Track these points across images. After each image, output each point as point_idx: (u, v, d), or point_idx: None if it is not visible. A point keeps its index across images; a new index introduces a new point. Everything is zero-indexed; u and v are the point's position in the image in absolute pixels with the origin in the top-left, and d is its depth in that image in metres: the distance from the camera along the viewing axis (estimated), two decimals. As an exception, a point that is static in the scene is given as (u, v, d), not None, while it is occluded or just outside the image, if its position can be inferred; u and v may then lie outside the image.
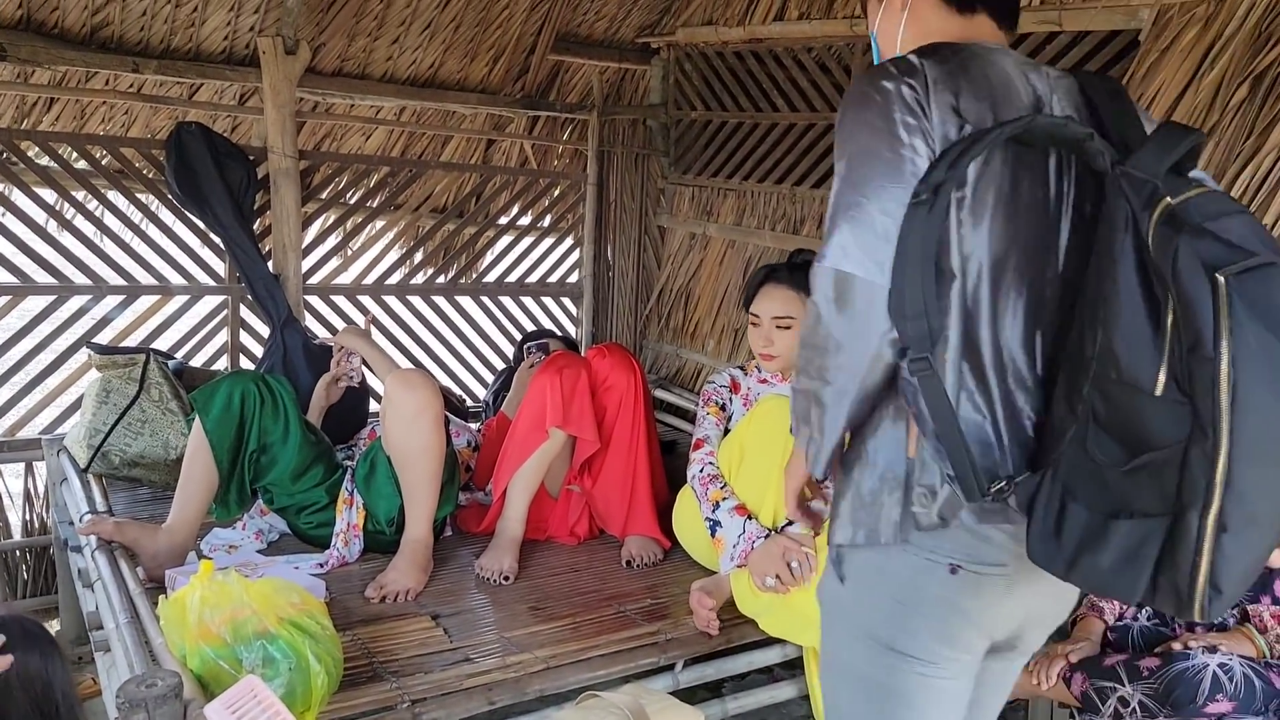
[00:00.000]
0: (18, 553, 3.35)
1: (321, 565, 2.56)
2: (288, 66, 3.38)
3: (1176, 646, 1.93)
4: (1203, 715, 1.81)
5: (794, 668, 2.57)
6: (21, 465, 3.36)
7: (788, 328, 2.53)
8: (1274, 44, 2.45)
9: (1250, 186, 2.48)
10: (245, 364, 3.63)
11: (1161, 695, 1.84)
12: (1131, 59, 2.76)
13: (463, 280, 4.23)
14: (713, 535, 2.46)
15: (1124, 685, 1.90)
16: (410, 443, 2.50)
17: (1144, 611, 2.19)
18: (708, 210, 4.25)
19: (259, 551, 2.66)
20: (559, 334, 4.13)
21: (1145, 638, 2.14)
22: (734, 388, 2.73)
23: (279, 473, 2.59)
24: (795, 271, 2.55)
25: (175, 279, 3.52)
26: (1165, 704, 1.84)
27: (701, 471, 2.54)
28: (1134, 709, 1.88)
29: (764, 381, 2.71)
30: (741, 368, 2.78)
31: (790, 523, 2.42)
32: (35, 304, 3.32)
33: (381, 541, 2.64)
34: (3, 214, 3.28)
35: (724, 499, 2.45)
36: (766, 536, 2.38)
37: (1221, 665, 1.81)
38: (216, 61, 3.40)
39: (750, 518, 2.41)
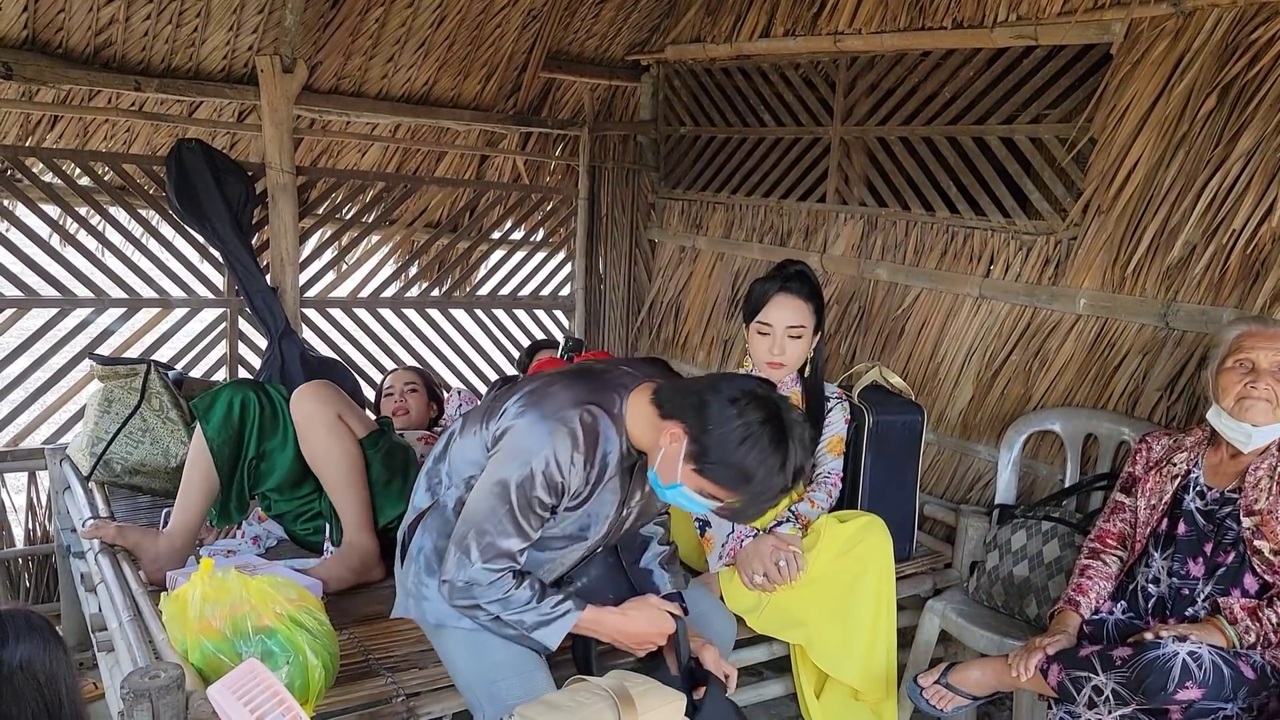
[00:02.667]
0: (20, 560, 3.40)
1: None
2: (285, 84, 3.46)
3: (1148, 636, 1.99)
4: (1173, 702, 1.86)
5: (781, 667, 2.63)
6: (25, 475, 3.42)
7: (799, 337, 2.59)
8: (1240, 55, 2.55)
9: (1219, 193, 2.57)
10: (244, 375, 3.69)
11: (1133, 683, 1.89)
12: (1105, 72, 2.85)
13: (456, 293, 4.30)
14: (702, 535, 2.52)
15: (1098, 674, 1.94)
16: (311, 454, 2.54)
17: (1119, 604, 2.24)
18: (697, 224, 4.33)
19: (256, 556, 2.71)
20: (575, 338, 4.21)
21: (1120, 630, 2.19)
22: None
23: (277, 480, 2.64)
24: (803, 282, 2.62)
25: (175, 292, 3.59)
26: (1137, 692, 1.88)
27: None
28: (1107, 697, 1.92)
29: None
30: None
31: (779, 523, 2.49)
32: (39, 317, 3.39)
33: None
34: (7, 229, 3.35)
35: None
36: (755, 536, 2.44)
37: (1191, 653, 1.86)
38: (216, 80, 3.48)
39: None
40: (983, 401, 3.18)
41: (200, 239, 3.53)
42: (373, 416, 2.98)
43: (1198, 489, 2.20)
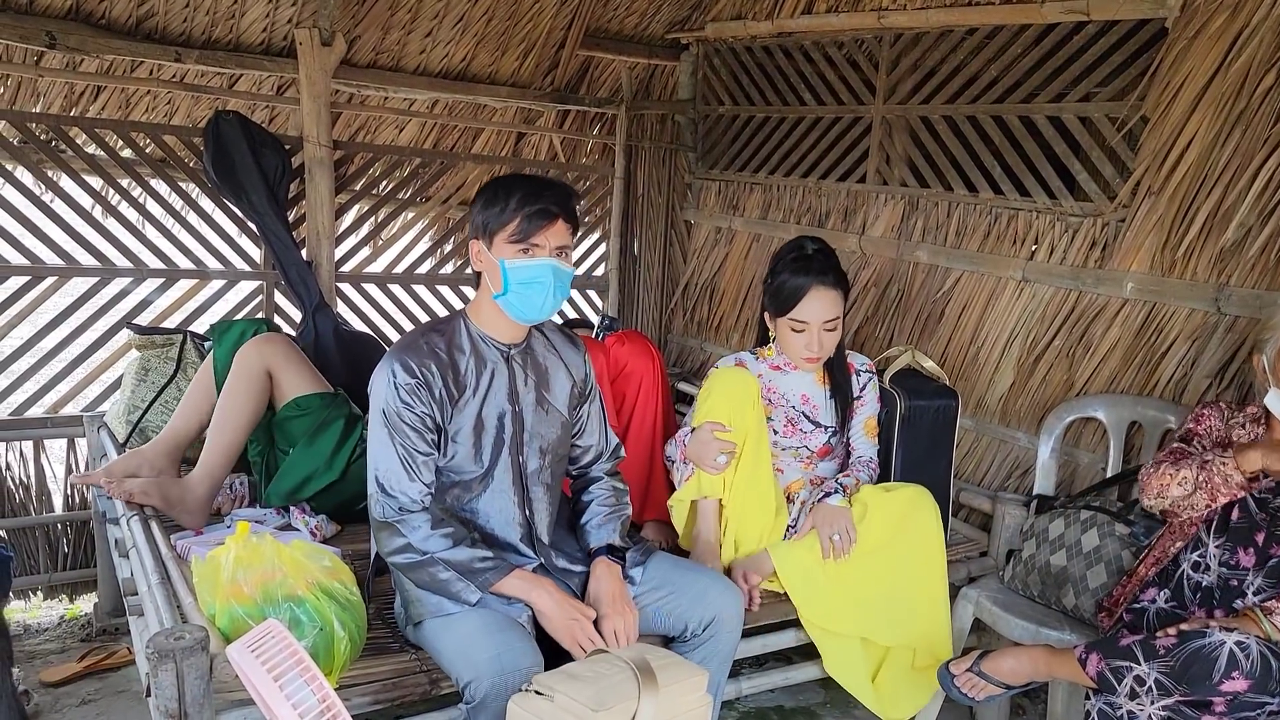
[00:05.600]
0: (59, 526, 3.45)
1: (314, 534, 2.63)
2: (323, 58, 3.46)
3: (1184, 627, 1.90)
4: (1218, 693, 1.79)
5: (809, 653, 2.58)
6: (64, 441, 3.47)
7: (836, 327, 2.52)
8: (1302, 30, 2.45)
9: (1278, 173, 2.47)
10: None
11: (1177, 673, 1.82)
12: (1159, 48, 2.76)
13: (492, 271, 4.28)
14: (670, 470, 2.59)
15: (1140, 664, 1.87)
16: (223, 388, 2.65)
17: (1163, 592, 2.17)
18: (733, 204, 4.28)
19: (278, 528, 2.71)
20: (610, 316, 4.21)
21: (1161, 619, 2.12)
22: None
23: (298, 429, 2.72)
24: (831, 266, 2.53)
25: (213, 264, 3.61)
26: (1181, 682, 1.81)
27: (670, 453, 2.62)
28: (1149, 687, 1.86)
29: (776, 369, 2.65)
30: (753, 352, 2.70)
31: (826, 494, 2.46)
32: (80, 285, 3.43)
33: (351, 512, 2.74)
34: (51, 199, 3.39)
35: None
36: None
37: (1238, 643, 1.79)
38: (255, 52, 3.49)
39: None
40: (1024, 387, 3.10)
41: (238, 212, 3.55)
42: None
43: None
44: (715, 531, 2.44)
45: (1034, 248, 3.09)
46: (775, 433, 2.62)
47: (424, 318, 4.08)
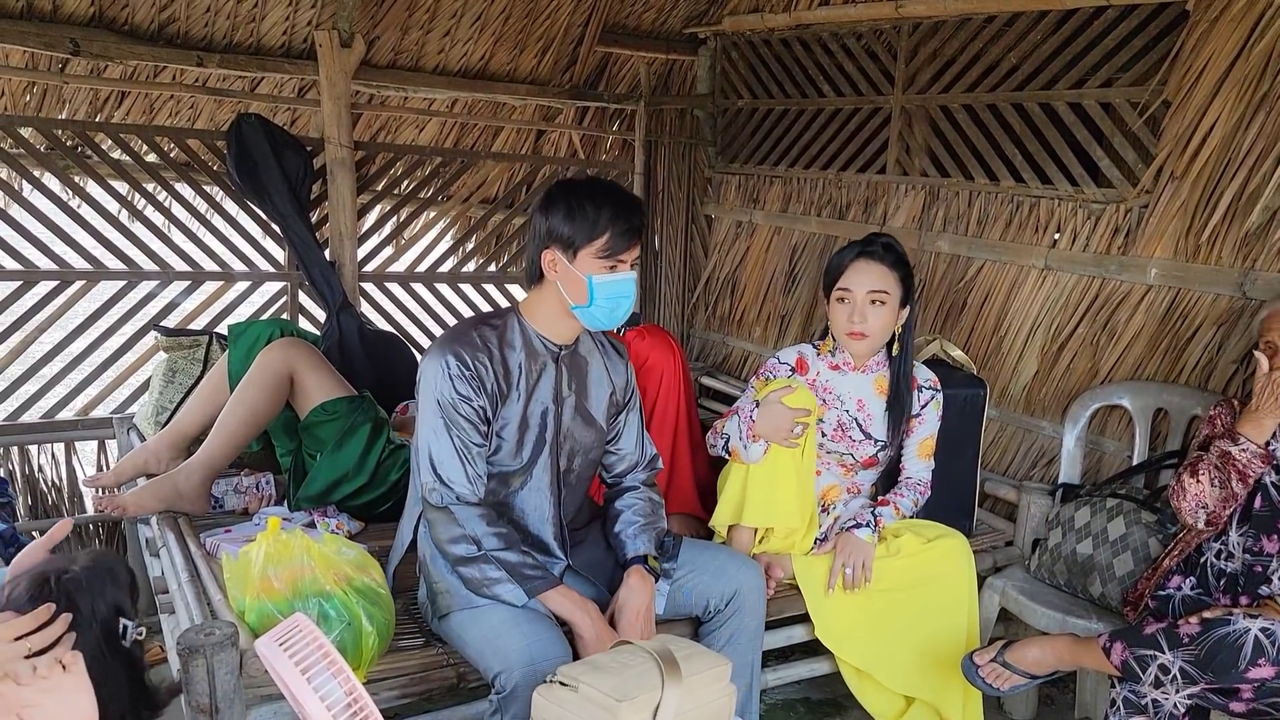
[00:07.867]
0: (91, 526, 3.50)
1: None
2: (343, 59, 3.49)
3: (1207, 615, 1.89)
4: (1244, 680, 1.78)
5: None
6: (95, 443, 3.52)
7: (883, 303, 2.40)
8: (1327, 11, 2.41)
9: (1303, 157, 2.44)
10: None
11: (1203, 661, 1.81)
12: (1180, 31, 2.73)
13: (512, 268, 4.31)
14: (728, 453, 2.43)
15: (1164, 652, 1.87)
16: (241, 382, 2.70)
17: (1188, 580, 2.16)
18: (754, 198, 4.27)
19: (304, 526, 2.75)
20: (632, 311, 4.21)
21: (1187, 606, 2.11)
22: (800, 367, 2.55)
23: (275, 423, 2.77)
24: (887, 250, 2.44)
25: (238, 266, 3.65)
26: (1206, 670, 1.81)
27: (713, 435, 2.51)
28: (1174, 676, 1.85)
29: (835, 368, 2.52)
30: (814, 346, 2.58)
31: (857, 525, 2.42)
32: (108, 289, 3.48)
33: (376, 512, 2.75)
34: (78, 204, 3.44)
35: (725, 424, 2.44)
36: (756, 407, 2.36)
37: (1264, 630, 1.78)
38: (276, 55, 3.52)
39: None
40: (1048, 376, 3.08)
41: (261, 213, 3.59)
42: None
43: (1274, 463, 2.11)
44: (749, 549, 2.42)
45: (1056, 235, 3.07)
46: (824, 435, 2.50)
47: (447, 316, 4.10)
